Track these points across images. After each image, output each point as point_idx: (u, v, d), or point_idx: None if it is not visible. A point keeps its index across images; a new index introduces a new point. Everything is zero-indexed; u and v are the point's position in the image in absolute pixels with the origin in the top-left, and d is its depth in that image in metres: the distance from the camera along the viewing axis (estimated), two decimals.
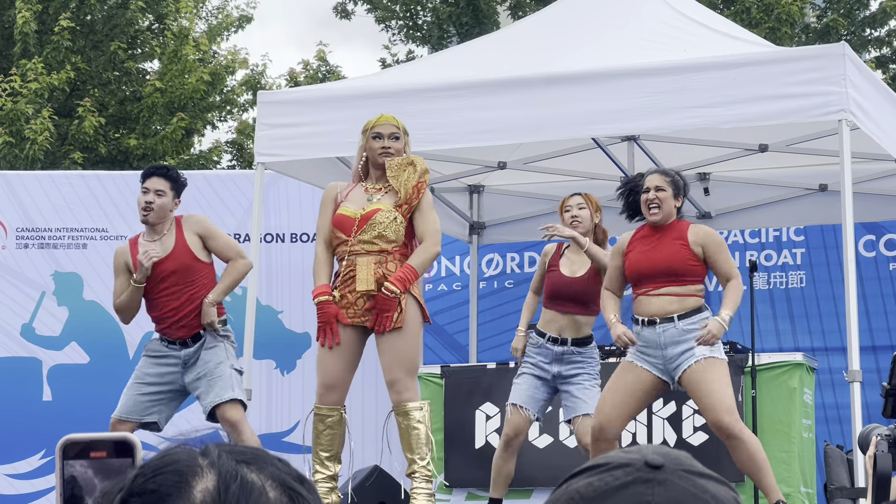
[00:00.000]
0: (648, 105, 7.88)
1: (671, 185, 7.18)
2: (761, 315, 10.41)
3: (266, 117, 8.67)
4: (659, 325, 7.03)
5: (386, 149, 7.19)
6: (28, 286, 10.79)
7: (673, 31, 8.64)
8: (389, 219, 7.08)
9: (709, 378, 6.94)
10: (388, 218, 7.08)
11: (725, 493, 1.44)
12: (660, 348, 7.05)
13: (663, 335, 7.03)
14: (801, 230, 11.04)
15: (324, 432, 7.16)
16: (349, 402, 7.28)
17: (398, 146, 7.20)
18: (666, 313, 7.04)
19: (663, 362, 7.06)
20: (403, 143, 7.25)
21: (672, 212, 7.19)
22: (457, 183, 10.88)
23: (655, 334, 7.05)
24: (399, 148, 7.20)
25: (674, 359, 7.01)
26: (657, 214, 7.16)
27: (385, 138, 7.21)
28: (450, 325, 11.47)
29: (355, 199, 7.21)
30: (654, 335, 7.05)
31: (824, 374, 10.04)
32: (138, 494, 1.37)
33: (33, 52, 18.07)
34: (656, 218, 7.16)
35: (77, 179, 11.05)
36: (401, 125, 7.27)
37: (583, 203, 8.08)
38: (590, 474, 1.44)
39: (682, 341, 7.00)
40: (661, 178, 7.20)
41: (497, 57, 8.79)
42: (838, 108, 7.58)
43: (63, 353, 10.77)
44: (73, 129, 18.03)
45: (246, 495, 1.36)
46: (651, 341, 7.07)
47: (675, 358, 7.01)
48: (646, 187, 7.21)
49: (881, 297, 10.78)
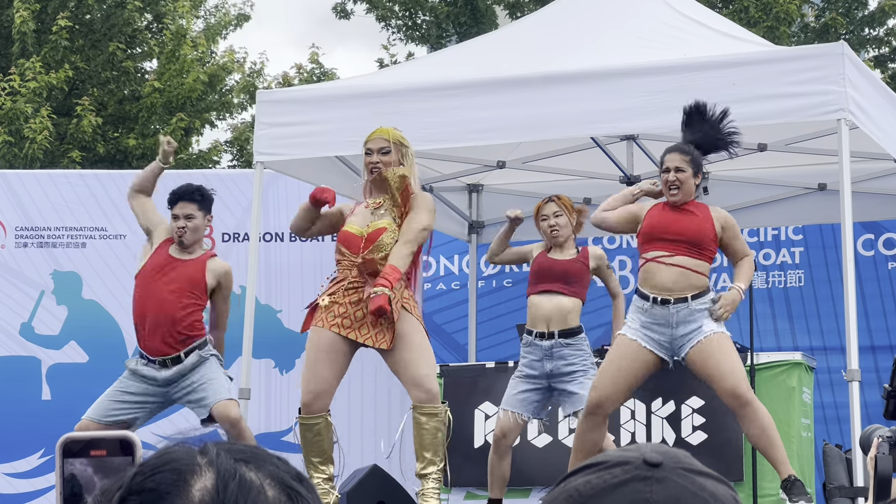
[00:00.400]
0: (647, 104, 7.88)
1: (691, 164, 7.20)
2: (760, 314, 10.41)
3: (265, 116, 8.67)
4: (673, 306, 7.02)
5: (374, 164, 7.16)
6: (27, 285, 10.78)
7: (672, 31, 8.64)
8: (394, 239, 7.09)
9: (721, 349, 6.95)
10: (393, 239, 7.09)
11: (724, 492, 1.44)
12: (670, 327, 7.04)
13: (676, 315, 7.02)
14: (799, 229, 11.04)
15: (313, 440, 7.19)
16: (348, 403, 7.28)
17: (388, 160, 7.15)
18: (680, 290, 7.02)
19: (670, 340, 7.05)
20: (398, 154, 7.18)
21: (692, 191, 7.22)
22: (456, 182, 10.88)
23: (668, 314, 7.03)
24: (389, 161, 7.15)
25: (683, 337, 7.01)
26: (677, 195, 7.18)
27: (375, 153, 7.18)
28: (449, 325, 11.47)
29: (360, 214, 7.22)
30: (667, 314, 7.03)
31: (823, 374, 10.04)
32: (137, 493, 1.37)
33: (31, 51, 18.06)
34: (676, 198, 7.19)
35: (76, 179, 11.05)
36: (392, 137, 7.20)
37: (558, 210, 8.11)
38: (588, 472, 1.45)
39: (692, 320, 7.00)
40: (681, 158, 7.19)
41: (496, 56, 8.79)
42: (837, 107, 7.58)
43: (62, 352, 10.77)
44: (71, 128, 18.02)
45: (244, 494, 1.36)
46: (662, 318, 7.04)
47: (683, 336, 7.00)
48: (665, 167, 7.22)
49: (880, 296, 10.78)
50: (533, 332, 8.00)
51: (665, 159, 7.25)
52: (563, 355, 7.90)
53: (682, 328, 7.01)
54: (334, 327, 7.11)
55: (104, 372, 10.37)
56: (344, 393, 9.63)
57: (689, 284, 7.03)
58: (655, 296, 7.05)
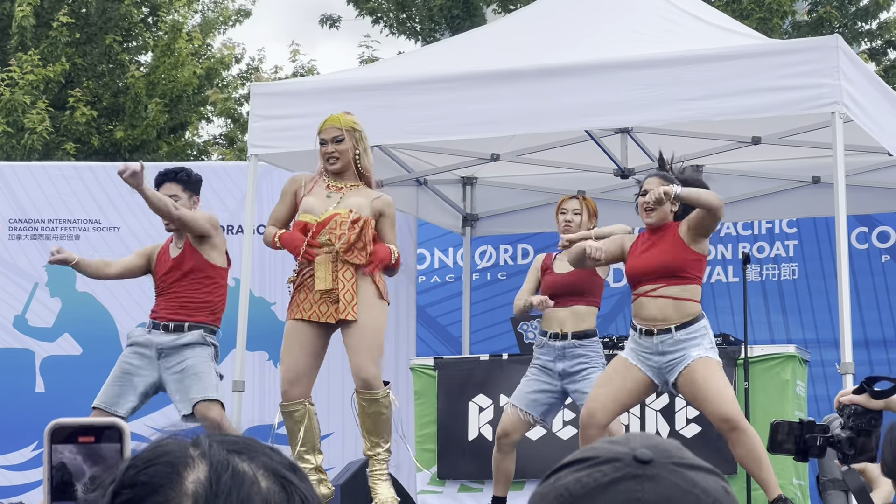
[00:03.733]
0: (641, 97, 7.88)
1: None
2: (754, 307, 10.41)
3: (259, 109, 8.67)
4: (656, 336, 7.06)
5: (330, 154, 7.28)
6: (21, 277, 10.78)
7: (666, 24, 8.64)
8: (349, 221, 7.14)
9: (708, 375, 6.96)
10: (347, 220, 7.14)
11: (714, 484, 1.43)
12: (657, 354, 7.08)
13: (661, 344, 7.06)
14: (793, 222, 11.05)
15: (294, 428, 7.22)
16: (342, 395, 7.29)
17: (342, 148, 7.27)
18: (665, 320, 7.06)
19: (659, 366, 7.10)
20: (351, 140, 7.29)
21: (667, 214, 7.22)
22: (450, 175, 10.88)
23: (653, 343, 7.08)
24: (344, 150, 7.27)
25: (669, 364, 7.05)
26: (651, 217, 7.19)
27: (329, 143, 7.31)
28: (443, 317, 11.47)
29: (318, 195, 7.28)
30: (652, 344, 7.09)
31: (816, 367, 10.05)
32: (130, 486, 1.37)
33: (30, 44, 18.05)
34: (651, 220, 7.20)
35: (70, 171, 11.04)
36: (345, 124, 7.31)
37: (578, 208, 8.06)
38: (578, 468, 1.44)
39: (678, 349, 7.03)
40: (658, 182, 7.18)
41: (490, 49, 8.78)
42: (831, 100, 7.58)
43: (56, 344, 10.77)
44: (65, 119, 18.01)
45: (238, 485, 1.36)
46: (649, 348, 7.11)
47: (669, 363, 7.05)
48: (643, 190, 7.22)
49: (874, 289, 10.78)
50: (547, 334, 8.00)
51: (645, 183, 7.25)
52: (575, 355, 7.91)
53: (669, 356, 7.05)
54: (300, 313, 7.21)
55: (98, 364, 10.36)
56: (338, 385, 9.63)
57: (677, 314, 7.05)
58: (642, 326, 7.11)
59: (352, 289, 7.12)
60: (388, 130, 8.42)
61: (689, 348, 7.00)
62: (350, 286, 7.12)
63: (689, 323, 7.05)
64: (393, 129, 8.41)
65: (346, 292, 7.12)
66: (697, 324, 7.06)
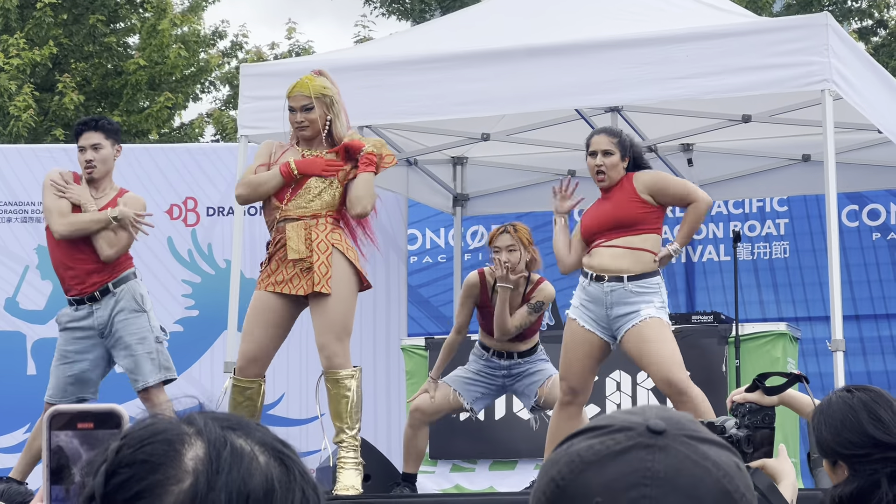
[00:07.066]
0: (631, 76, 7.87)
1: (618, 146, 7.01)
2: (745, 285, 10.43)
3: (249, 90, 8.65)
4: (607, 283, 6.83)
5: (300, 123, 7.05)
6: (11, 260, 10.76)
7: (656, 2, 8.62)
8: (325, 184, 7.02)
9: (655, 336, 6.77)
10: (322, 183, 7.02)
11: (727, 458, 1.44)
12: (604, 307, 6.84)
13: (610, 294, 6.82)
14: (784, 200, 11.06)
15: (242, 403, 7.07)
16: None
17: (312, 117, 7.03)
18: (617, 270, 6.83)
19: (607, 322, 6.86)
20: (322, 108, 7.02)
21: (620, 175, 7.00)
22: (440, 155, 10.87)
23: (602, 292, 6.84)
24: (314, 118, 7.03)
25: (618, 319, 6.82)
26: (605, 181, 7.01)
27: (298, 112, 7.06)
28: (434, 298, 11.47)
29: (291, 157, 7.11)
30: (601, 293, 6.84)
31: (808, 344, 10.07)
32: (128, 465, 1.37)
33: (15, 27, 17.96)
34: (604, 184, 7.02)
35: (60, 154, 11.01)
36: (314, 91, 7.04)
37: (512, 244, 7.78)
38: (591, 435, 1.45)
39: (628, 303, 6.80)
40: (608, 141, 7.02)
41: (480, 29, 8.77)
42: (821, 77, 7.58)
43: (47, 327, 10.73)
44: (53, 104, 17.94)
45: (238, 461, 1.37)
46: (596, 298, 6.87)
47: (618, 318, 6.82)
48: (591, 150, 7.03)
49: (864, 266, 10.81)
50: (490, 350, 7.98)
51: (591, 142, 7.07)
52: (520, 367, 7.96)
53: (618, 309, 6.81)
54: (269, 286, 7.01)
55: None
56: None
57: (631, 264, 6.82)
58: (593, 273, 6.89)
59: (326, 261, 6.89)
60: (379, 110, 8.41)
61: (640, 304, 6.76)
62: (325, 258, 6.89)
63: (644, 276, 6.83)
64: (383, 109, 8.39)
65: (320, 264, 6.88)
66: (651, 278, 6.85)
